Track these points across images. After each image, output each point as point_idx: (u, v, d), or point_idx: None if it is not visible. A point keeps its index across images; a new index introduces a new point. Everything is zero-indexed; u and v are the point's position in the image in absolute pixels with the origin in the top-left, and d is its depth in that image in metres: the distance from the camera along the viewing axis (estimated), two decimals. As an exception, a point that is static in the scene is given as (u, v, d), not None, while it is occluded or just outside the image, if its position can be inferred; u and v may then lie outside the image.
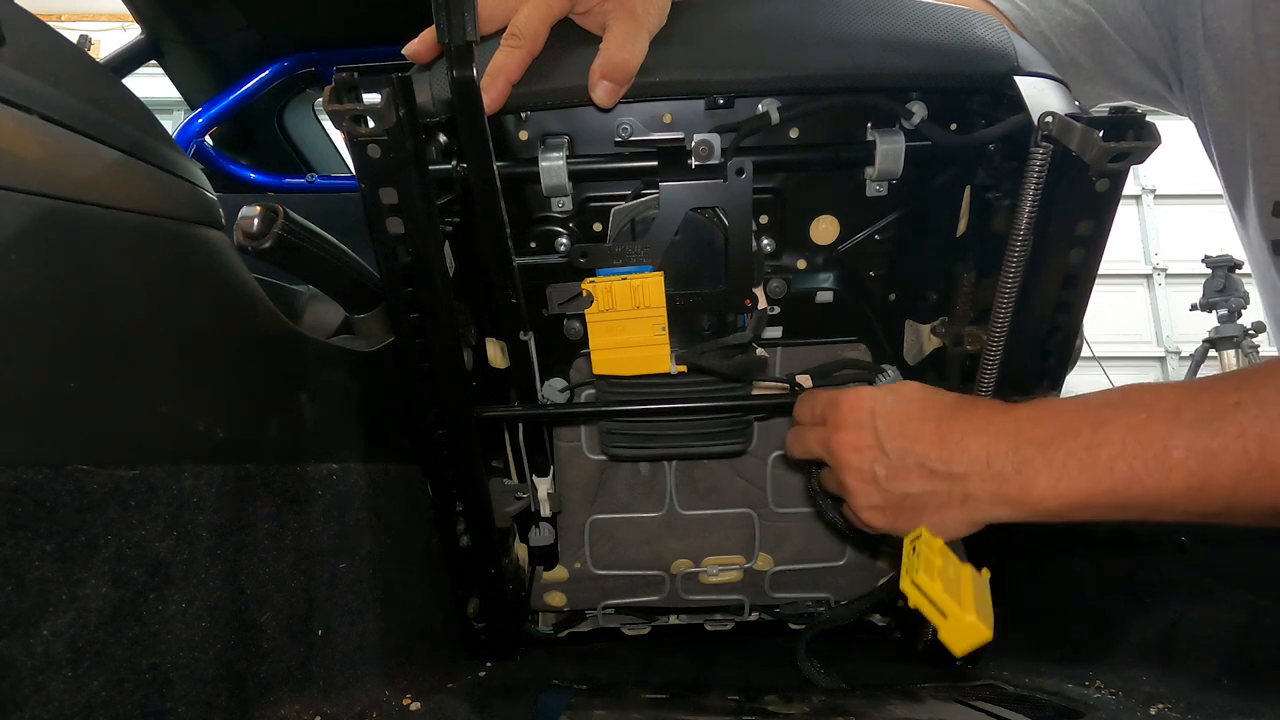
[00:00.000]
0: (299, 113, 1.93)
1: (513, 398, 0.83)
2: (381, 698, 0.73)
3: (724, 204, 0.71)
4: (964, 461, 0.59)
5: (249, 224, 0.67)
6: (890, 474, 0.63)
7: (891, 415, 0.63)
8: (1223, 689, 0.77)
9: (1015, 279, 0.67)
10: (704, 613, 1.06)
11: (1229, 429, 0.50)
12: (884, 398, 0.65)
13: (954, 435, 0.60)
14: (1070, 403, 0.58)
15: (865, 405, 0.65)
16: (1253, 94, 0.72)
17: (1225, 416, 0.50)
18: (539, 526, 0.93)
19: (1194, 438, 0.51)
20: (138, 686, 0.53)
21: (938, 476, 0.60)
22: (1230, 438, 0.50)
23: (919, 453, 0.61)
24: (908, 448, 0.62)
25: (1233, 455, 0.50)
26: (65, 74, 0.54)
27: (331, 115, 0.58)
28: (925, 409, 0.63)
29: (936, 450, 0.60)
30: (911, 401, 0.64)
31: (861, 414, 0.65)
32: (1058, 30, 0.85)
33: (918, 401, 0.64)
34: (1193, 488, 0.51)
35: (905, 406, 0.63)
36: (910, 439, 0.62)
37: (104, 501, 0.52)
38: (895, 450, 0.62)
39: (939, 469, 0.60)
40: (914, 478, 0.62)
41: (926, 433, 0.61)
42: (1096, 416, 0.55)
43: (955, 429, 0.60)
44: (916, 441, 0.61)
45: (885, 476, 0.63)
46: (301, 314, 0.83)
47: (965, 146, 0.71)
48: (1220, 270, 3.82)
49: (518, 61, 0.64)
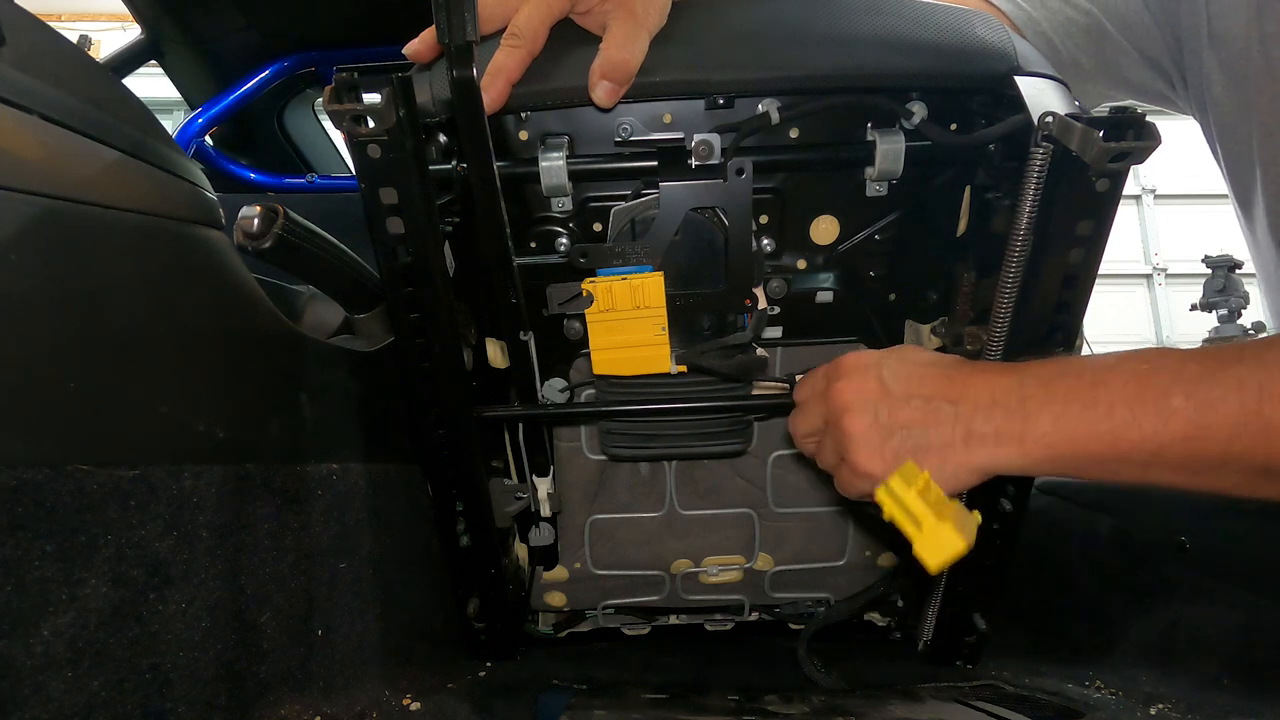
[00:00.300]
0: (299, 113, 1.93)
1: (513, 398, 0.83)
2: (381, 698, 0.73)
3: (724, 204, 0.71)
4: (968, 396, 0.59)
5: (249, 224, 0.67)
6: (892, 411, 0.61)
7: (897, 365, 0.63)
8: (1223, 689, 0.77)
9: (1015, 279, 0.67)
10: (704, 613, 1.06)
11: (1228, 380, 0.51)
12: (889, 353, 0.65)
13: (959, 375, 0.61)
14: (1077, 357, 0.60)
15: (869, 358, 0.64)
16: (1258, 93, 0.72)
17: (1226, 369, 0.51)
18: (539, 526, 0.93)
19: (1194, 387, 0.52)
20: (138, 686, 0.53)
21: (941, 411, 0.59)
22: (1229, 389, 0.51)
23: (923, 387, 0.61)
24: (912, 383, 0.61)
25: (1230, 405, 0.50)
26: (65, 74, 0.54)
27: (331, 115, 0.58)
28: (932, 361, 0.63)
29: (941, 385, 0.60)
30: (917, 355, 0.64)
31: (865, 362, 0.64)
32: (1059, 30, 0.84)
33: (924, 356, 0.64)
34: (1189, 436, 0.52)
35: (911, 358, 0.64)
36: (916, 381, 0.61)
37: (104, 501, 0.52)
38: (899, 392, 0.61)
39: (943, 404, 0.60)
40: (916, 412, 0.60)
41: (931, 373, 0.61)
42: (1101, 363, 0.56)
43: (961, 373, 0.61)
44: (922, 383, 0.61)
45: (887, 414, 0.61)
46: (301, 314, 0.83)
47: (965, 146, 0.71)
48: (1220, 270, 3.82)
49: (517, 61, 0.64)
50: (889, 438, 0.61)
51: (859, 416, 0.62)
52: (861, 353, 0.66)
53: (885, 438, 0.61)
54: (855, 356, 0.65)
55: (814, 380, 0.70)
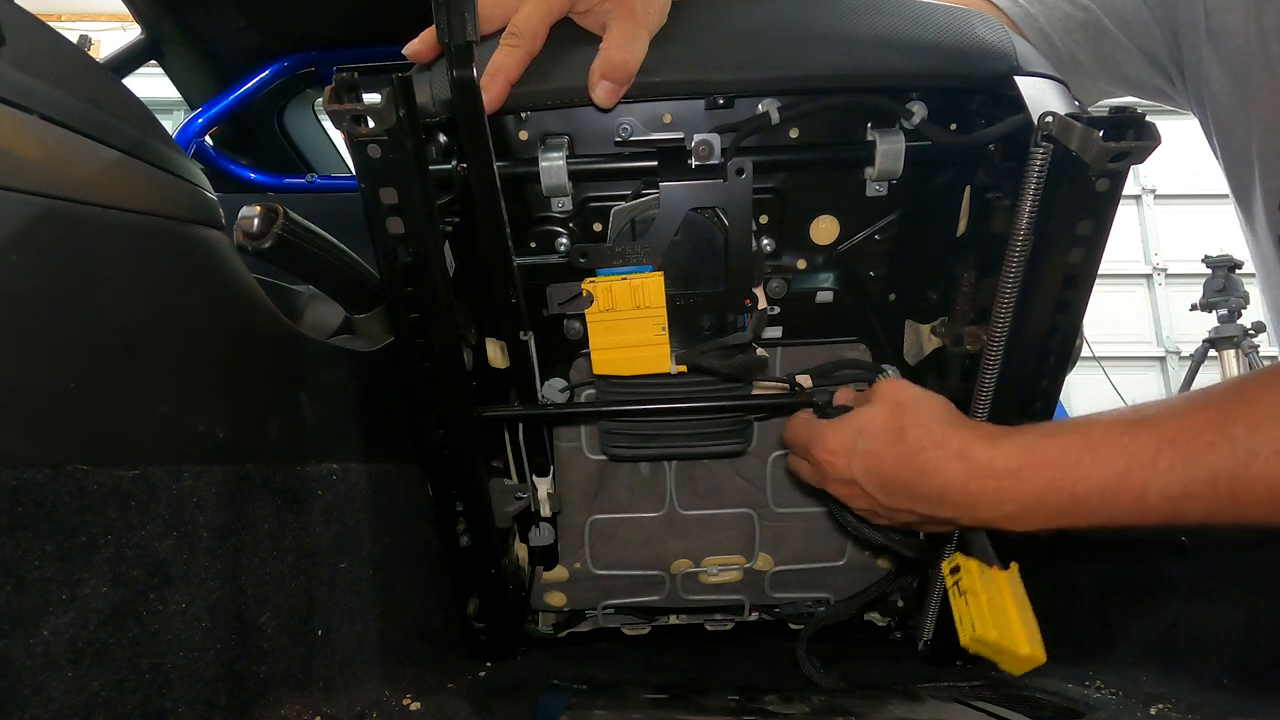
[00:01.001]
0: (299, 113, 1.93)
1: (513, 398, 0.83)
2: (381, 698, 0.73)
3: (724, 204, 0.71)
4: (949, 510, 0.64)
5: (249, 224, 0.67)
6: (889, 514, 0.69)
7: (871, 472, 0.67)
8: (1223, 689, 0.77)
9: (1015, 279, 0.67)
10: (704, 613, 1.06)
11: (1202, 474, 0.53)
12: (858, 449, 0.67)
13: (936, 486, 0.63)
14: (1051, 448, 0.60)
15: (842, 460, 0.68)
16: (1258, 89, 0.72)
17: (1200, 462, 0.53)
18: (539, 526, 0.93)
19: (1169, 484, 0.54)
20: (138, 686, 0.53)
21: (930, 518, 0.67)
22: (1203, 483, 0.53)
23: (907, 505, 0.66)
24: (895, 505, 0.67)
25: (1204, 501, 0.54)
26: (65, 74, 0.54)
27: (331, 115, 0.58)
28: (899, 463, 0.65)
29: (923, 505, 0.65)
30: (884, 452, 0.66)
31: (842, 469, 0.68)
32: (1058, 27, 0.84)
33: (891, 449, 0.66)
34: (1167, 519, 0.56)
35: (880, 460, 0.66)
36: (895, 496, 0.66)
37: (104, 501, 0.52)
38: (886, 504, 0.68)
39: (929, 514, 0.66)
40: (910, 516, 0.68)
41: (906, 482, 0.65)
42: (1076, 467, 0.58)
43: (935, 481, 0.63)
44: (902, 498, 0.66)
45: (886, 513, 0.69)
46: (301, 314, 0.83)
47: (965, 146, 0.71)
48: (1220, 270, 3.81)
49: (516, 60, 0.64)
50: (893, 521, 0.70)
51: (862, 509, 0.71)
52: (833, 452, 0.69)
53: (890, 520, 0.71)
54: (828, 456, 0.69)
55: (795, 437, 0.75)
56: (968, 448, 0.62)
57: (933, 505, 0.64)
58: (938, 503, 0.64)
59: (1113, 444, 0.57)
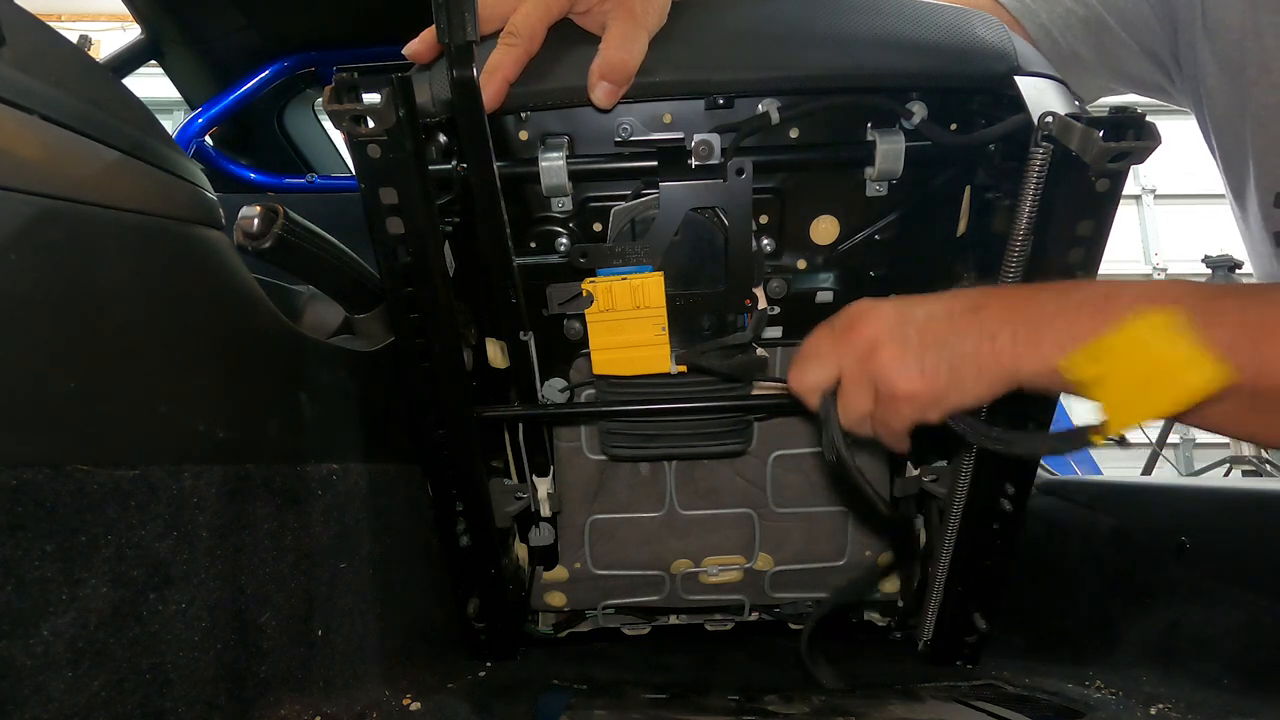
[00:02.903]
0: (299, 113, 1.93)
1: (513, 398, 0.83)
2: (381, 698, 0.73)
3: (724, 204, 0.71)
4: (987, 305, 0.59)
5: (249, 224, 0.67)
6: (920, 331, 0.61)
7: (904, 299, 0.62)
8: (1223, 689, 0.77)
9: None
10: (704, 613, 1.06)
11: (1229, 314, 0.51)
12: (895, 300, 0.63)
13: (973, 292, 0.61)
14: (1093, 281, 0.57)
15: (875, 300, 0.64)
16: (1253, 84, 0.72)
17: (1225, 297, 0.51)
18: (539, 526, 0.93)
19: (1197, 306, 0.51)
20: (138, 686, 0.53)
21: (966, 320, 0.59)
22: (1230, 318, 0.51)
23: (941, 309, 0.61)
24: (930, 310, 0.61)
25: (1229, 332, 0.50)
26: (65, 74, 0.54)
27: (331, 115, 0.58)
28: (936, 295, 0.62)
29: (959, 302, 0.60)
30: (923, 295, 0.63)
31: (874, 302, 0.63)
32: (1059, 23, 0.84)
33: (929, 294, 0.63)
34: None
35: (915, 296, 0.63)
36: (930, 302, 0.61)
37: (104, 501, 0.52)
38: (919, 315, 0.61)
39: (966, 314, 0.59)
40: (941, 326, 0.60)
41: (944, 297, 0.61)
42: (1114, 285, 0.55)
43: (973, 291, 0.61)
44: (937, 302, 0.61)
45: (915, 334, 0.61)
46: (301, 314, 0.83)
47: (965, 146, 0.71)
48: (1220, 270, 3.81)
49: (514, 59, 0.64)
50: (922, 356, 0.60)
51: (888, 345, 0.61)
52: (864, 300, 0.64)
53: (919, 357, 0.60)
54: (860, 302, 0.64)
55: (822, 334, 0.67)
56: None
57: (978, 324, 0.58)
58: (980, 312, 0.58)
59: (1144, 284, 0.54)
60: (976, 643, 0.91)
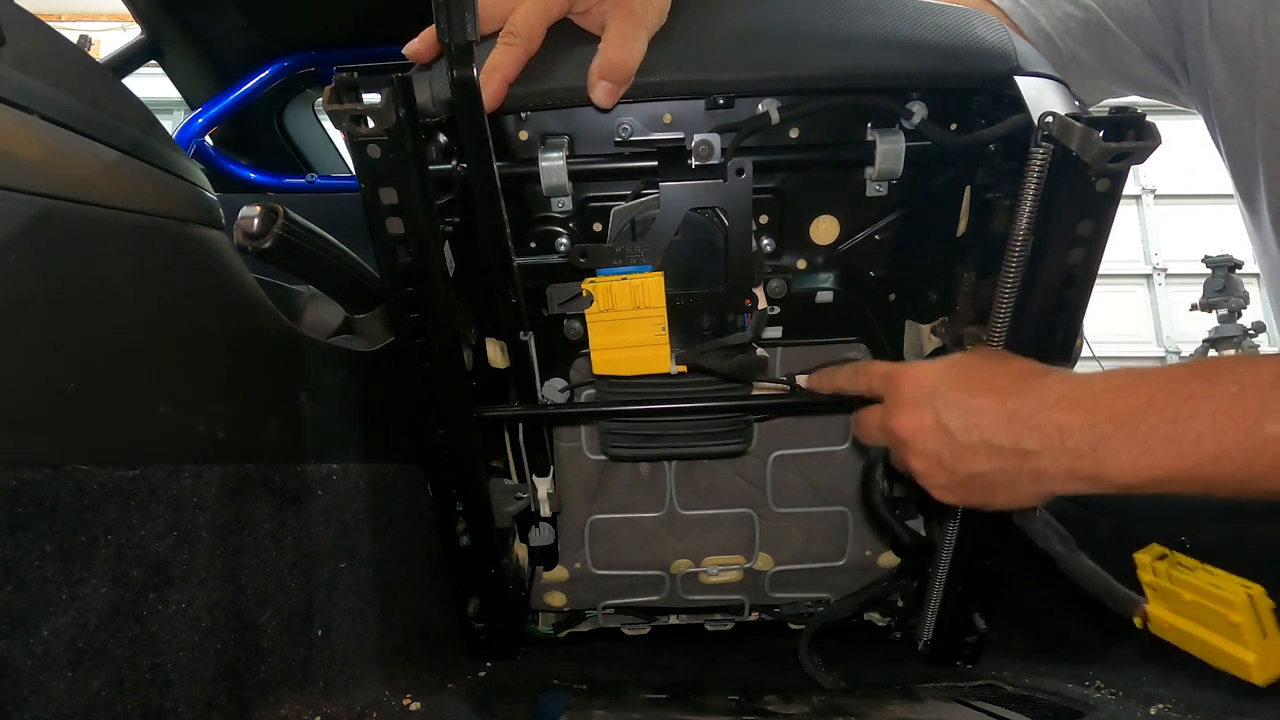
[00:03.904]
0: (299, 113, 1.93)
1: (513, 398, 0.83)
2: (381, 698, 0.73)
3: (724, 204, 0.71)
4: (1034, 439, 0.56)
5: (249, 224, 0.67)
6: (956, 455, 0.59)
7: (952, 393, 0.60)
8: (1222, 689, 0.77)
9: (1015, 279, 0.67)
10: (704, 613, 1.06)
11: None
12: (944, 372, 0.62)
13: (1023, 411, 0.57)
14: (1155, 374, 0.54)
15: (925, 382, 0.62)
16: (1264, 87, 0.72)
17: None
18: (539, 526, 0.93)
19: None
20: (138, 686, 0.53)
21: (1006, 454, 0.58)
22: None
23: (985, 430, 0.58)
24: (972, 425, 0.58)
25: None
26: (65, 74, 0.54)
27: (331, 115, 0.58)
28: (990, 383, 0.60)
29: (1004, 428, 0.57)
30: (973, 375, 0.61)
31: (920, 391, 0.61)
32: (1059, 26, 0.84)
33: (980, 374, 0.61)
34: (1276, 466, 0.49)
35: (967, 381, 0.60)
36: (974, 416, 0.59)
37: (104, 501, 0.52)
38: (959, 429, 0.59)
39: (1007, 446, 0.57)
40: (980, 458, 0.59)
41: (991, 409, 0.58)
42: (1185, 390, 0.52)
43: (1024, 404, 0.57)
44: (981, 418, 0.58)
45: (951, 457, 0.60)
46: (301, 314, 0.83)
47: (965, 146, 0.71)
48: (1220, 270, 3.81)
49: (513, 59, 0.64)
50: (955, 477, 0.61)
51: (922, 457, 0.62)
52: (917, 373, 0.63)
53: (952, 477, 0.61)
54: (911, 377, 0.63)
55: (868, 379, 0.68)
56: (1066, 371, 0.58)
57: (1017, 432, 0.56)
58: (1024, 426, 0.56)
59: (1223, 375, 0.51)
60: (976, 643, 0.91)
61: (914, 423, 0.62)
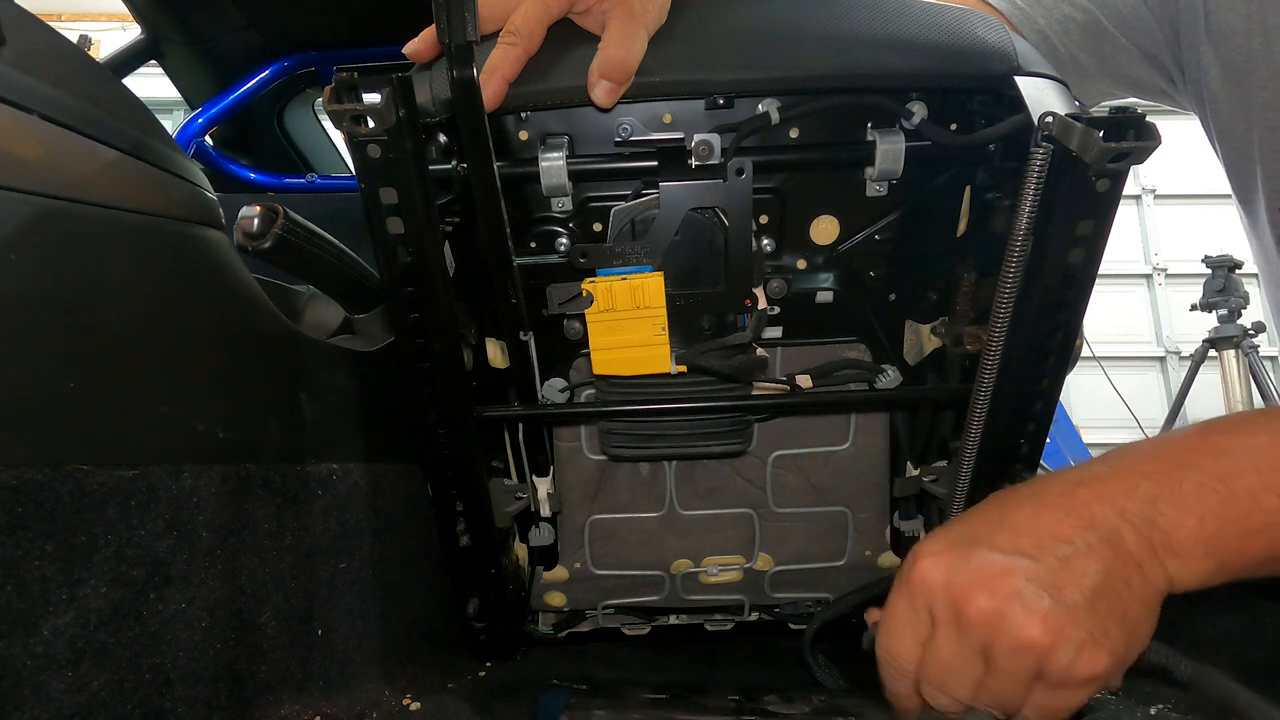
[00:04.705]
0: (299, 113, 1.93)
1: (513, 398, 0.83)
2: (381, 698, 0.73)
3: (724, 204, 0.71)
4: (1100, 516, 0.49)
5: (249, 224, 0.67)
6: (1050, 579, 0.48)
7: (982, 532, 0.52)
8: (1223, 689, 0.77)
9: (1015, 279, 0.67)
10: (704, 613, 1.06)
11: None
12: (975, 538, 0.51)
13: (1061, 502, 0.51)
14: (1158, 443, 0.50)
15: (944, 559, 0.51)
16: (1260, 89, 0.72)
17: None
18: (539, 526, 0.93)
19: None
20: (138, 686, 0.53)
21: (1094, 549, 0.48)
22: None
23: (1057, 536, 0.49)
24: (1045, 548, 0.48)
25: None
26: (65, 74, 0.54)
27: (331, 115, 0.57)
28: (1004, 509, 0.53)
29: (1064, 521, 0.49)
30: (989, 513, 0.54)
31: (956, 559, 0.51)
32: (1057, 28, 0.84)
33: (995, 509, 0.54)
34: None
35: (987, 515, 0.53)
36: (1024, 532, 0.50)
37: (104, 501, 0.52)
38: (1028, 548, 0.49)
39: (1090, 539, 0.48)
40: (1077, 566, 0.48)
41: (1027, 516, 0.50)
42: (1208, 446, 0.48)
43: (1054, 497, 0.51)
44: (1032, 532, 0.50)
45: (1049, 585, 0.48)
46: (301, 314, 0.83)
47: (965, 146, 0.71)
48: (1220, 270, 3.81)
49: (513, 59, 0.64)
50: (1078, 612, 0.48)
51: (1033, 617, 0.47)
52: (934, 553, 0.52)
53: (1074, 614, 0.48)
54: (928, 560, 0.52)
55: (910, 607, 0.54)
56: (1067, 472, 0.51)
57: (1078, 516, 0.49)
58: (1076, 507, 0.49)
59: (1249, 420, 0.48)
60: (976, 643, 0.91)
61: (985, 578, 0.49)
